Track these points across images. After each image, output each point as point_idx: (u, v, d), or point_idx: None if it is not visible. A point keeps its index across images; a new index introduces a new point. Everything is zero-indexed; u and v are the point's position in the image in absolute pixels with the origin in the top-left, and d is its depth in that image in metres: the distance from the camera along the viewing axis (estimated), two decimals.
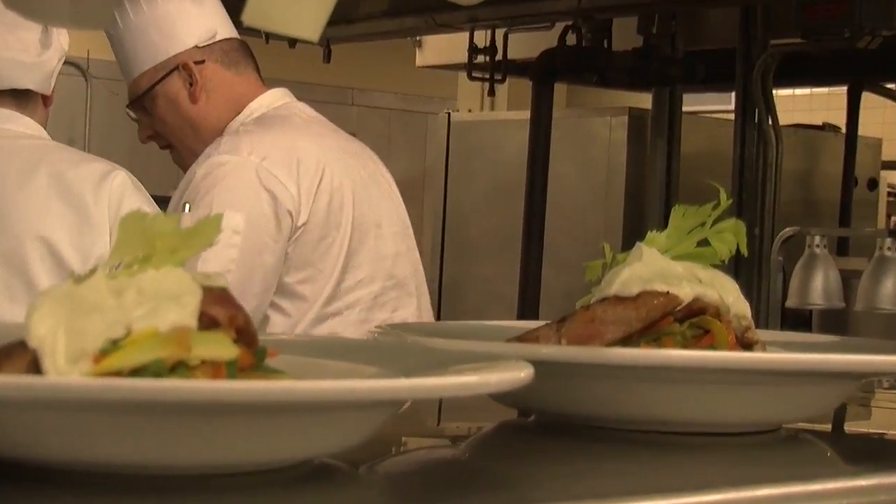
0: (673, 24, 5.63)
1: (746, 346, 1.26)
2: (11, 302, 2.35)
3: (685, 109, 5.83)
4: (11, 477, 0.95)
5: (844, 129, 6.20)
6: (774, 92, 5.35)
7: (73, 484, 0.94)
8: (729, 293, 1.26)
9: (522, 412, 1.36)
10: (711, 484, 1.09)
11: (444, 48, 6.48)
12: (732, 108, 5.51)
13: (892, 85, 6.13)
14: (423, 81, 8.75)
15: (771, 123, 5.32)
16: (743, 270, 4.99)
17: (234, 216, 2.43)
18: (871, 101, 6.15)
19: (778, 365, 1.21)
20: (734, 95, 5.47)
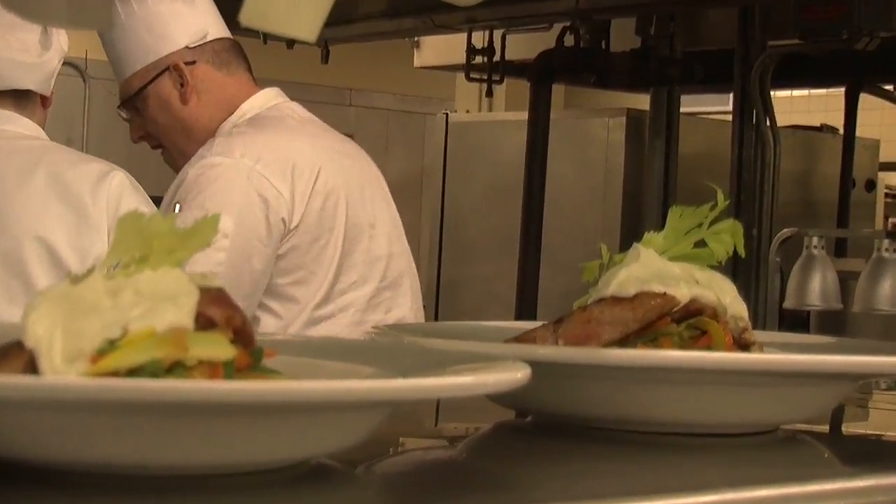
0: (671, 24, 5.63)
1: (744, 347, 1.26)
2: (10, 302, 2.35)
3: (683, 110, 5.83)
4: (9, 477, 0.95)
5: (842, 130, 6.19)
6: (772, 93, 5.35)
7: (70, 484, 0.94)
8: (726, 294, 1.26)
9: (520, 413, 1.36)
10: (709, 485, 1.09)
11: (442, 49, 6.48)
12: (730, 108, 5.52)
13: (889, 86, 6.13)
14: (421, 82, 8.75)
15: (769, 124, 5.32)
16: (740, 271, 4.99)
17: (223, 219, 2.42)
18: (868, 102, 6.16)
19: (775, 366, 1.21)
20: (732, 96, 5.47)
